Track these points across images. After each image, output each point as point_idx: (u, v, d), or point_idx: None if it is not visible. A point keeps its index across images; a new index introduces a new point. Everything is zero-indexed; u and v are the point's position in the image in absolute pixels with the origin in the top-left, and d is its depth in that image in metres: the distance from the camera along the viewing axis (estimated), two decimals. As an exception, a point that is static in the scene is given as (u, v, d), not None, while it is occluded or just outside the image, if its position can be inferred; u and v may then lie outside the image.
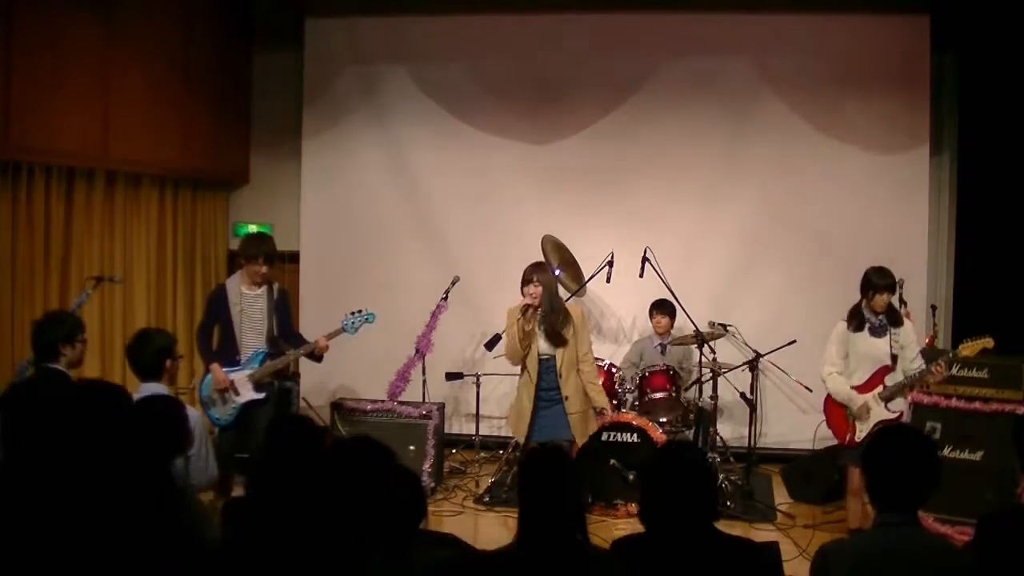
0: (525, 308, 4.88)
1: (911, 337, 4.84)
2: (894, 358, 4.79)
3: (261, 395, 5.27)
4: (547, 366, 5.04)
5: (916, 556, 2.30)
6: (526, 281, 4.92)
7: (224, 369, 5.24)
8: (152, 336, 3.80)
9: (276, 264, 5.59)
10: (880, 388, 4.79)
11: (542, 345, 5.00)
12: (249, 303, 5.34)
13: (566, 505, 2.40)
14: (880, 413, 4.76)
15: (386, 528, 2.50)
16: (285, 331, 5.45)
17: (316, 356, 5.42)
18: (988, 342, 4.66)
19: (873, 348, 4.81)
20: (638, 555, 2.51)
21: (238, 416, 5.24)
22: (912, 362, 4.79)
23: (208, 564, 2.40)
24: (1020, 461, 2.77)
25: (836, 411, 4.95)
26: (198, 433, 3.37)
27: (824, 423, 5.08)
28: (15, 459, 2.66)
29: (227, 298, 5.35)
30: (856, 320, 4.84)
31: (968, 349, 4.70)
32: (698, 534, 2.44)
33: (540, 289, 4.87)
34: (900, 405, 4.82)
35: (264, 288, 5.37)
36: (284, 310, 5.47)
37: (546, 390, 5.03)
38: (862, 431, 4.79)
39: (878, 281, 4.74)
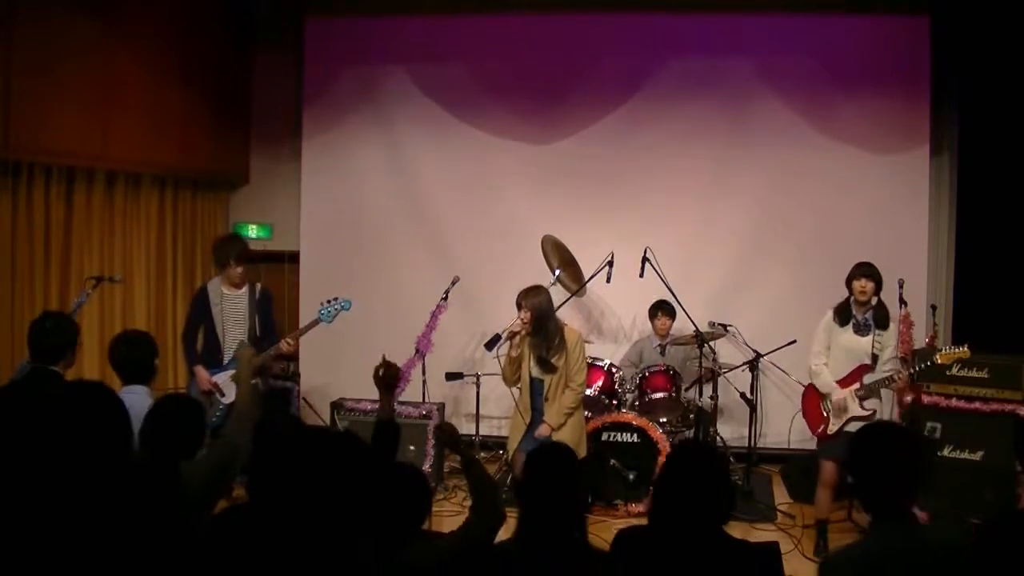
0: (512, 335, 4.82)
1: (891, 341, 4.92)
2: (875, 358, 4.84)
3: None
4: (537, 388, 4.95)
5: (918, 556, 2.29)
6: (517, 306, 4.85)
7: (208, 371, 5.28)
8: (141, 339, 3.77)
9: (254, 262, 5.59)
10: (856, 386, 4.84)
11: (534, 368, 4.93)
12: (231, 303, 5.37)
13: (568, 504, 2.40)
14: (854, 410, 4.84)
15: (389, 521, 2.51)
16: (268, 331, 5.45)
17: (286, 356, 5.42)
18: (964, 353, 4.75)
19: (854, 344, 4.89)
20: (639, 549, 2.51)
21: (225, 417, 5.22)
22: (885, 364, 4.87)
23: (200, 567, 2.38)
24: (1021, 464, 2.76)
25: (813, 402, 5.02)
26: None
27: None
28: (10, 460, 2.64)
29: (208, 299, 5.37)
30: (842, 314, 4.92)
31: (944, 357, 4.79)
32: (704, 535, 2.43)
33: (528, 315, 4.79)
34: (873, 404, 4.88)
35: (246, 288, 5.39)
36: (266, 310, 5.47)
37: (537, 410, 4.95)
38: (835, 425, 4.88)
39: (854, 269, 4.89)
